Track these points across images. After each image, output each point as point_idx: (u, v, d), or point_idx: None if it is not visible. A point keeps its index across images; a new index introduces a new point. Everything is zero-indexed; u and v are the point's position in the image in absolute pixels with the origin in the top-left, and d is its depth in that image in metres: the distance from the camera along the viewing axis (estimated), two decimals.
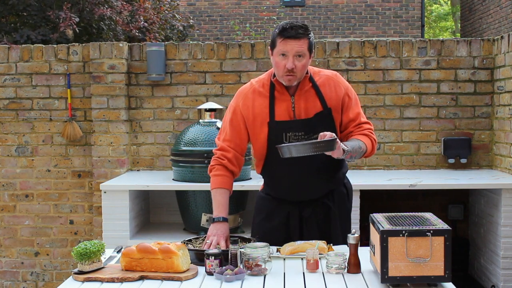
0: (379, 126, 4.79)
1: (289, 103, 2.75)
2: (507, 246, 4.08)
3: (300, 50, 2.64)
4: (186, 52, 4.82)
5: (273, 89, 2.76)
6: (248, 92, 2.81)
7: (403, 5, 12.46)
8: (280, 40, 2.64)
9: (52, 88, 4.87)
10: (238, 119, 2.80)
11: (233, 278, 2.35)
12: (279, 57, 2.66)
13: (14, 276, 4.94)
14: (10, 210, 4.92)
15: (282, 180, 2.86)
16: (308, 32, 2.66)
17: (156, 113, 4.85)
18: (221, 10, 12.71)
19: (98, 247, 2.47)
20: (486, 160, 4.77)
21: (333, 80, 2.81)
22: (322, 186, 2.87)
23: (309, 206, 2.87)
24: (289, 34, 2.62)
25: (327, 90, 2.78)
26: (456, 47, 4.74)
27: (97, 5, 7.23)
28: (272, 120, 2.74)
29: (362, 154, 2.76)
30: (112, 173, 4.70)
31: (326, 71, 2.87)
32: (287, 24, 2.65)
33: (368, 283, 2.33)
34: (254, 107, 2.77)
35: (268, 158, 2.83)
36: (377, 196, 4.76)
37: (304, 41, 2.64)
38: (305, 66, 2.70)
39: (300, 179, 2.82)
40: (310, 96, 2.76)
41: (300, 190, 2.84)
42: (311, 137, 2.72)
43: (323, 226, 2.89)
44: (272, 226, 2.89)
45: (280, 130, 2.74)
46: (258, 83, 2.82)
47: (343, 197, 2.98)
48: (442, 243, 2.19)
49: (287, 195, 2.88)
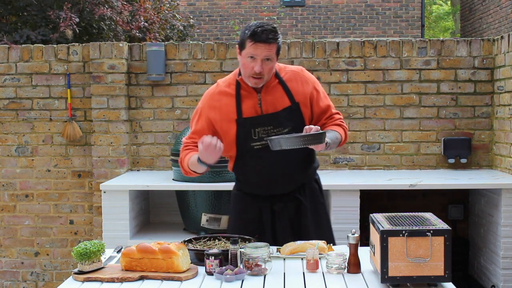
0: (379, 126, 4.79)
1: (256, 100, 2.81)
2: (507, 246, 4.08)
3: (269, 55, 2.70)
4: (186, 52, 4.82)
5: (239, 88, 2.82)
6: (214, 93, 2.87)
7: (403, 5, 12.46)
8: (250, 43, 2.68)
9: (52, 88, 4.87)
10: (202, 120, 2.87)
11: (233, 278, 2.35)
12: (247, 59, 2.71)
13: (14, 276, 4.94)
14: (10, 210, 4.92)
15: (253, 175, 2.91)
16: (277, 37, 2.72)
17: (156, 113, 4.85)
18: (221, 10, 12.71)
19: (98, 247, 2.47)
20: (486, 160, 4.77)
21: (300, 75, 2.88)
22: (293, 180, 2.92)
23: (280, 201, 2.92)
24: (260, 38, 2.67)
25: (294, 85, 2.85)
26: (456, 47, 4.74)
27: (97, 5, 7.23)
28: (240, 117, 2.80)
29: (338, 144, 2.86)
30: (112, 173, 4.71)
31: (291, 66, 2.95)
32: (258, 28, 2.68)
33: (368, 283, 2.33)
34: (221, 107, 2.82)
35: (238, 155, 2.88)
36: (377, 196, 4.76)
37: (273, 45, 2.71)
38: (272, 69, 2.77)
39: (271, 174, 2.87)
40: (277, 92, 2.82)
41: (271, 184, 2.89)
42: (281, 131, 2.79)
43: (295, 220, 2.94)
44: (245, 222, 2.95)
45: (248, 126, 2.80)
46: (225, 83, 2.88)
47: (315, 192, 3.02)
48: (442, 243, 2.19)
49: (258, 190, 2.93)
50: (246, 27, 2.74)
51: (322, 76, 4.75)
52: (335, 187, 4.14)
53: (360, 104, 4.78)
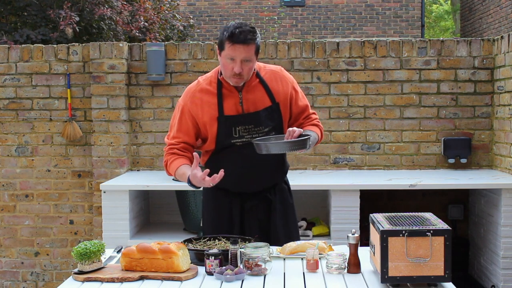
0: (379, 126, 4.79)
1: (237, 99, 2.83)
2: (507, 246, 4.08)
3: (247, 56, 2.72)
4: (186, 52, 4.82)
5: (221, 86, 2.84)
6: (196, 90, 2.88)
7: (403, 5, 12.45)
8: (228, 45, 2.69)
9: (52, 88, 4.87)
10: (186, 117, 2.87)
11: (233, 278, 2.35)
12: (227, 60, 2.73)
13: (14, 276, 4.94)
14: (10, 210, 4.92)
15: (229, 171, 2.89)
16: (256, 37, 2.73)
17: (156, 113, 4.85)
18: (221, 10, 12.71)
19: (98, 247, 2.47)
20: (486, 160, 4.77)
21: (279, 75, 2.91)
22: (267, 180, 2.96)
23: (251, 199, 2.96)
24: (238, 39, 2.68)
25: (274, 84, 2.88)
26: (456, 47, 4.74)
27: (97, 5, 7.23)
28: (221, 115, 2.82)
29: (315, 143, 2.90)
30: (112, 173, 4.71)
31: (271, 66, 2.97)
32: (236, 29, 2.69)
33: (368, 283, 2.33)
34: (203, 104, 2.84)
35: (216, 151, 2.91)
36: (377, 196, 4.76)
37: (252, 46, 2.71)
38: (252, 69, 2.79)
39: (247, 172, 2.90)
40: (258, 91, 2.85)
41: (245, 182, 2.93)
42: (261, 130, 2.84)
43: (263, 219, 2.98)
44: (216, 217, 3.00)
45: (229, 124, 2.83)
46: (205, 81, 2.89)
47: (285, 193, 3.07)
48: (442, 243, 2.19)
49: (231, 186, 2.95)
50: (225, 28, 2.75)
51: (322, 76, 4.76)
52: (335, 187, 4.14)
53: (360, 104, 4.78)
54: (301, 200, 4.33)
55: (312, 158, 4.79)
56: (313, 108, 4.75)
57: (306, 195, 4.49)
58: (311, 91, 4.77)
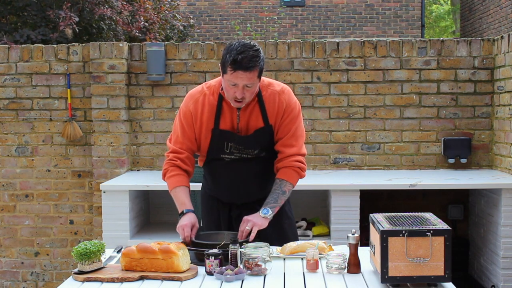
0: (379, 126, 4.79)
1: (235, 115, 2.82)
2: (507, 246, 4.08)
3: (250, 82, 2.67)
4: (186, 52, 4.82)
5: (221, 100, 2.82)
6: (199, 97, 2.86)
7: (403, 5, 12.45)
8: (231, 71, 2.64)
9: (52, 88, 4.87)
10: (188, 122, 2.86)
11: (233, 278, 2.35)
12: (229, 84, 2.69)
13: (14, 276, 4.94)
14: (10, 210, 4.92)
15: (217, 182, 2.98)
16: (258, 62, 2.66)
17: (156, 113, 4.85)
18: (221, 10, 12.70)
19: (98, 247, 2.47)
20: (486, 160, 4.77)
21: (278, 97, 2.84)
22: (253, 194, 2.96)
23: (239, 208, 2.97)
24: (240, 67, 2.63)
25: (270, 106, 2.83)
26: (456, 47, 4.74)
27: (97, 5, 7.23)
28: (216, 128, 2.82)
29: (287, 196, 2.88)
30: (112, 173, 4.71)
31: (276, 85, 2.88)
32: (238, 54, 2.62)
33: (368, 283, 2.33)
34: (203, 113, 2.83)
35: (208, 160, 2.94)
36: (377, 196, 4.76)
37: (254, 72, 2.66)
38: (254, 92, 2.75)
39: (235, 185, 2.93)
40: (254, 112, 2.82)
41: (232, 194, 2.96)
42: (251, 152, 2.84)
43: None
44: (209, 221, 3.06)
45: (223, 139, 2.83)
46: (209, 90, 2.86)
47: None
48: (442, 243, 2.19)
49: (221, 196, 3.00)
50: (228, 49, 2.67)
51: (322, 76, 4.76)
52: (335, 187, 4.14)
53: (360, 104, 4.78)
54: (301, 200, 4.33)
55: (312, 158, 4.78)
56: (313, 108, 4.77)
57: (306, 195, 4.49)
58: (311, 91, 4.77)
